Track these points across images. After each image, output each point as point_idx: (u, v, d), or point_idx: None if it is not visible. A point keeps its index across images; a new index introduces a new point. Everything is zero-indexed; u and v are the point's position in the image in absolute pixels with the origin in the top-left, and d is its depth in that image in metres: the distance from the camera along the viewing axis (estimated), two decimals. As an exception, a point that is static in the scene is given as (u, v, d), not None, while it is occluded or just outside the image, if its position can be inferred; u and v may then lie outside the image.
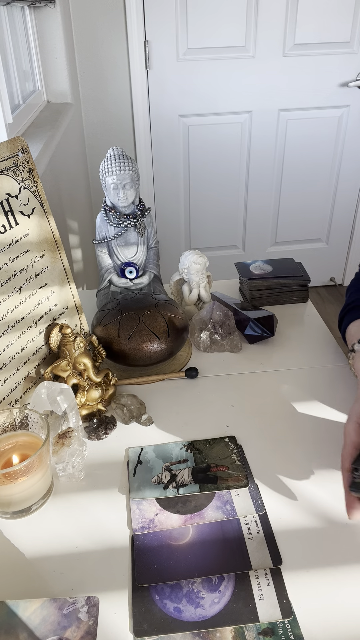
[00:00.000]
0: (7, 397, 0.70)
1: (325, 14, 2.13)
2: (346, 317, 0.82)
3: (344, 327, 0.82)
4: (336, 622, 0.49)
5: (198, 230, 2.57)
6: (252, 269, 1.04)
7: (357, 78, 2.28)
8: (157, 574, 0.54)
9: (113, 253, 0.94)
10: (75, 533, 0.59)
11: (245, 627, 0.49)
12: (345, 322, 0.82)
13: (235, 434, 0.72)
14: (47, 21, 1.82)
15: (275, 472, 0.65)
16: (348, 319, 0.81)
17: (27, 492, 0.60)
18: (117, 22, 2.06)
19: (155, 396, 0.79)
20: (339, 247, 2.70)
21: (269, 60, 2.20)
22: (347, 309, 0.83)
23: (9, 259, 0.70)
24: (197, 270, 0.93)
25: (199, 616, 0.50)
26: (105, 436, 0.72)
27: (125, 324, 0.80)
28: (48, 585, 0.53)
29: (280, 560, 0.55)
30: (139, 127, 2.27)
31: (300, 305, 1.03)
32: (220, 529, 0.58)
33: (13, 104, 1.49)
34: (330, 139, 2.41)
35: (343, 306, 0.85)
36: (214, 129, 2.33)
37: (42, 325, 0.76)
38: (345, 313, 0.83)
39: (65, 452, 0.64)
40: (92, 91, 2.18)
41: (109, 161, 0.88)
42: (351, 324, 0.79)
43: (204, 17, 2.09)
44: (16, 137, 0.73)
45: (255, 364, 0.86)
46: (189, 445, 0.70)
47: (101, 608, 0.51)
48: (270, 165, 2.44)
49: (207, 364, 0.86)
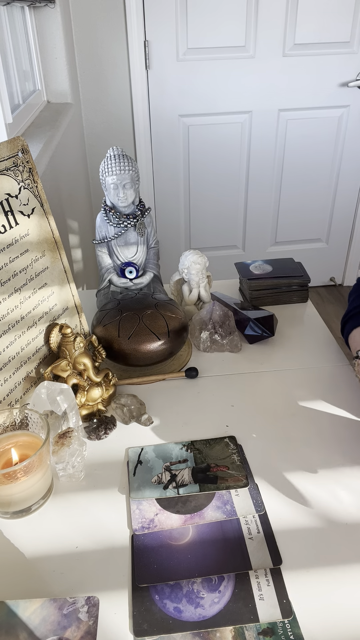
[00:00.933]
0: (7, 397, 0.70)
1: (325, 14, 2.13)
2: (349, 323, 0.82)
3: (347, 332, 0.82)
4: (336, 622, 0.49)
5: (198, 230, 2.57)
6: (252, 269, 1.04)
7: (357, 78, 2.28)
8: (157, 574, 0.54)
9: (113, 253, 0.94)
10: (75, 533, 0.59)
11: (245, 627, 0.49)
12: (348, 328, 0.82)
13: (235, 434, 0.72)
14: (47, 21, 1.82)
15: (275, 472, 0.65)
16: (351, 325, 0.81)
17: (27, 492, 0.60)
18: (117, 22, 2.06)
19: (155, 396, 0.79)
20: (339, 247, 2.70)
21: (268, 60, 2.20)
22: (350, 315, 0.83)
23: (9, 259, 0.70)
24: (197, 270, 0.93)
25: (199, 616, 0.50)
26: (105, 436, 0.72)
27: (125, 324, 0.80)
28: (48, 585, 0.53)
29: (280, 560, 0.55)
30: (139, 127, 2.27)
31: (300, 305, 1.03)
32: (220, 529, 0.58)
33: (13, 104, 1.49)
34: (330, 139, 2.40)
35: (345, 312, 0.85)
36: (214, 129, 2.32)
37: (42, 325, 0.76)
38: (348, 319, 0.83)
39: (65, 452, 0.64)
40: (92, 91, 2.18)
41: (109, 161, 0.88)
42: (355, 330, 0.79)
43: (203, 17, 2.09)
44: (16, 137, 0.73)
45: (255, 364, 0.86)
46: (189, 445, 0.70)
47: (101, 608, 0.51)
48: (270, 165, 2.44)
49: (207, 364, 0.86)
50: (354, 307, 0.83)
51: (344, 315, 0.85)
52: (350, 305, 0.85)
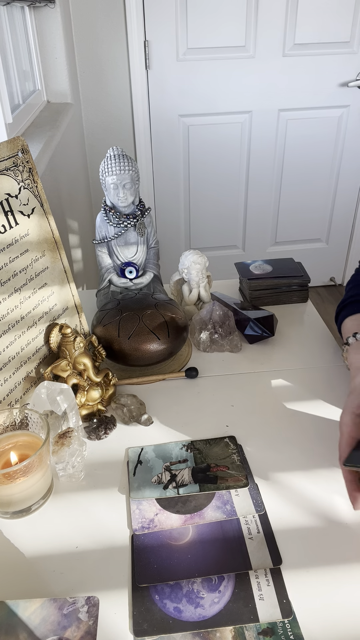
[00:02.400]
0: (7, 397, 0.70)
1: (325, 14, 2.14)
2: (343, 312, 0.82)
3: (340, 320, 0.82)
4: (336, 622, 0.49)
5: (198, 230, 2.57)
6: (252, 269, 1.04)
7: (357, 78, 2.28)
8: (157, 574, 0.54)
9: (113, 253, 0.94)
10: (75, 533, 0.59)
11: (245, 627, 0.49)
12: (341, 316, 0.82)
13: (235, 434, 0.72)
14: (47, 21, 1.82)
15: (275, 472, 0.65)
16: (345, 314, 0.81)
17: (27, 492, 0.60)
18: (117, 22, 2.06)
19: (155, 396, 0.79)
20: (339, 247, 2.70)
21: (268, 60, 2.20)
22: (345, 304, 0.83)
23: (8, 259, 0.71)
24: (197, 270, 0.93)
25: (199, 616, 0.50)
26: (105, 436, 0.72)
27: (125, 324, 0.80)
28: (48, 585, 0.53)
29: (280, 560, 0.55)
30: (139, 127, 2.27)
31: (300, 305, 1.03)
32: (220, 529, 0.58)
33: (13, 104, 1.49)
34: (330, 139, 2.41)
35: (341, 300, 0.85)
36: (214, 129, 2.33)
37: (42, 325, 0.76)
38: (343, 307, 0.83)
39: (65, 452, 0.64)
40: (92, 91, 2.18)
41: (109, 161, 0.88)
42: (347, 319, 0.80)
43: (203, 17, 2.09)
44: (16, 137, 0.73)
45: (255, 364, 0.86)
46: (189, 445, 0.70)
47: (101, 608, 0.51)
48: (270, 165, 2.44)
49: (207, 364, 0.86)
50: (350, 297, 0.83)
51: (339, 303, 0.85)
52: (346, 294, 0.85)
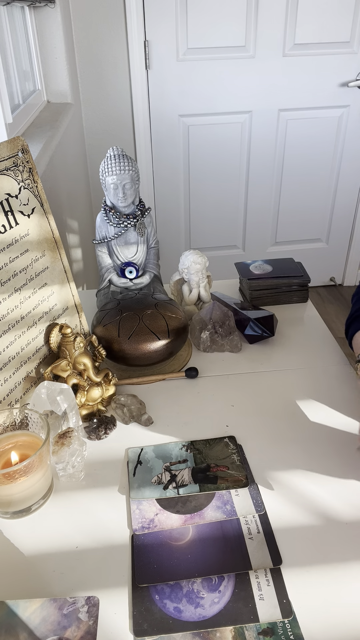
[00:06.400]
0: (7, 397, 0.70)
1: (325, 14, 2.13)
2: (353, 325, 0.82)
3: (351, 335, 0.82)
4: (336, 622, 0.49)
5: (198, 230, 2.57)
6: (252, 269, 1.04)
7: (357, 78, 2.28)
8: (157, 574, 0.54)
9: (113, 253, 0.94)
10: (75, 533, 0.59)
11: (245, 627, 0.49)
12: (352, 330, 0.82)
13: (235, 434, 0.72)
14: (47, 21, 1.82)
15: (275, 472, 0.65)
16: (355, 327, 0.81)
17: (27, 492, 0.60)
18: (117, 22, 2.06)
19: (155, 396, 0.79)
20: (339, 247, 2.70)
21: (269, 60, 2.20)
22: (354, 317, 0.83)
23: (9, 258, 0.71)
24: (197, 270, 0.93)
25: (199, 616, 0.50)
26: (105, 436, 0.72)
27: (125, 324, 0.80)
28: (48, 585, 0.53)
29: (280, 560, 0.55)
30: (139, 127, 2.27)
31: (300, 305, 1.03)
32: (220, 529, 0.58)
33: (13, 104, 1.49)
34: (330, 139, 2.40)
35: (349, 314, 0.85)
36: (214, 129, 2.32)
37: (42, 325, 0.76)
38: (352, 321, 0.83)
39: (65, 452, 0.64)
40: (92, 91, 2.18)
41: (109, 161, 0.88)
42: (357, 333, 0.79)
43: (203, 17, 2.09)
44: (16, 137, 0.73)
45: (255, 364, 0.86)
46: (188, 445, 0.70)
47: (101, 608, 0.51)
48: (270, 165, 2.44)
49: (207, 364, 0.86)
50: (357, 309, 0.83)
51: (348, 317, 0.85)
52: (353, 307, 0.85)
